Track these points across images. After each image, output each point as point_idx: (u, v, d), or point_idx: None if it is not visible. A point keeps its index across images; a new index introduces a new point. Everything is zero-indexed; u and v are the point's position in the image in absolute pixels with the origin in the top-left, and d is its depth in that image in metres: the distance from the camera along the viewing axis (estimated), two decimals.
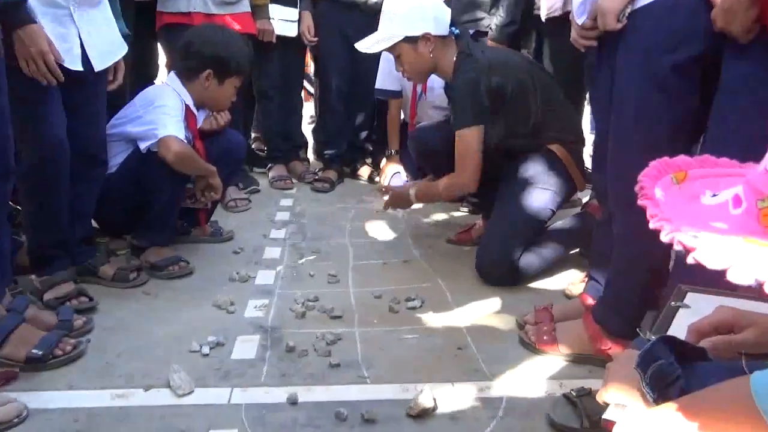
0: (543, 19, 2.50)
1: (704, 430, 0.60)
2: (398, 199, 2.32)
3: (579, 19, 1.43)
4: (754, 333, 0.81)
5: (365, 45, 2.15)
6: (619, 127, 1.38)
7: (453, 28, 2.10)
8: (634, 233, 1.37)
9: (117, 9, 1.89)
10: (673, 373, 0.74)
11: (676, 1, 1.24)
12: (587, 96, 2.63)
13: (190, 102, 2.10)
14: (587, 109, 3.07)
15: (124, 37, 1.88)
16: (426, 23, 2.04)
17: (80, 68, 1.66)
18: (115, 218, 2.15)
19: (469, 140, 2.02)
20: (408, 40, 2.05)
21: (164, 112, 1.98)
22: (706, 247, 0.43)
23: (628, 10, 1.30)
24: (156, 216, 2.05)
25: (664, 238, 0.47)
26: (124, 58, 1.87)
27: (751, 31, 1.09)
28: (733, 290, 0.94)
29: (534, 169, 2.07)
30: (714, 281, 0.81)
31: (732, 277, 0.40)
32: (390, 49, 2.11)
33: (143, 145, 1.96)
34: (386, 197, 2.36)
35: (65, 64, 1.61)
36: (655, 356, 0.76)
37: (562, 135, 2.09)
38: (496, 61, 2.05)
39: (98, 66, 1.75)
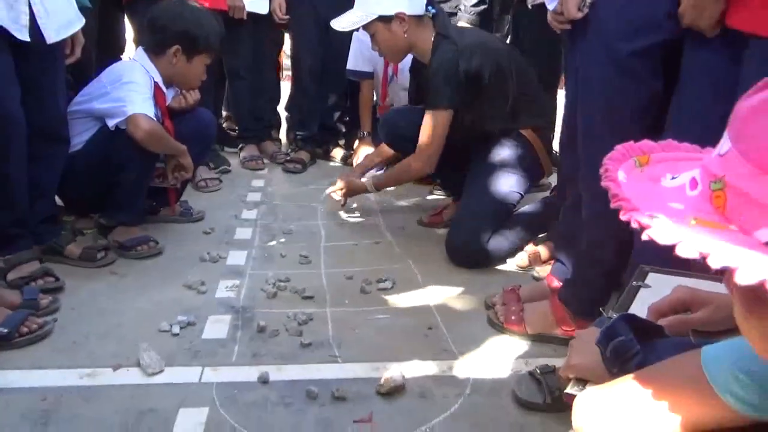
0: (529, 6, 2.49)
1: (658, 399, 0.64)
2: (355, 191, 2.36)
3: (550, 5, 1.46)
4: (707, 312, 0.85)
5: (340, 23, 2.14)
6: (585, 110, 1.41)
7: (429, 8, 2.09)
8: (601, 215, 1.41)
9: None
10: (632, 348, 0.77)
11: None
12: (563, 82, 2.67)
13: (158, 79, 2.06)
14: (562, 94, 3.11)
15: (84, 9, 1.82)
16: (399, 2, 2.03)
17: (27, 38, 1.59)
18: (81, 197, 2.10)
19: (437, 121, 2.04)
20: (382, 19, 2.05)
21: (132, 89, 1.93)
22: (659, 225, 0.45)
23: (589, 0, 1.34)
24: (124, 195, 2.01)
25: (622, 217, 0.49)
26: (88, 31, 1.81)
27: (717, 26, 1.12)
28: (688, 269, 0.98)
29: (504, 153, 2.10)
30: (668, 260, 0.85)
31: (680, 252, 0.43)
32: (365, 28, 2.11)
33: (111, 123, 1.91)
34: (339, 189, 2.36)
35: (12, 32, 1.56)
36: (615, 333, 0.80)
37: (535, 120, 2.12)
38: (474, 44, 2.05)
39: (51, 38, 1.68)
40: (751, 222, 0.44)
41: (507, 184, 2.07)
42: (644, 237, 0.46)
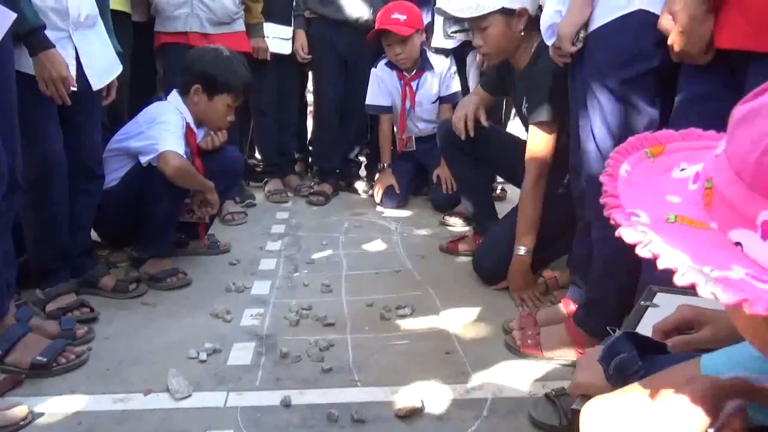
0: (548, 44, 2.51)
1: (660, 404, 0.66)
2: (520, 276, 2.03)
3: (548, 41, 1.54)
4: (711, 330, 0.87)
5: (454, 7, 1.96)
6: (588, 136, 1.47)
7: (539, 12, 1.91)
8: (609, 236, 1.44)
9: (110, 26, 1.95)
10: (634, 365, 0.80)
11: (622, 23, 1.35)
12: None
13: (190, 119, 2.18)
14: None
15: (118, 54, 1.96)
16: None
17: (75, 88, 1.72)
18: (115, 230, 2.23)
19: (539, 138, 1.92)
20: (503, 11, 1.89)
21: (164, 128, 2.05)
22: (628, 225, 0.47)
23: (582, 35, 1.42)
24: (155, 228, 2.12)
25: (605, 213, 0.51)
26: (120, 75, 1.95)
27: (709, 51, 1.17)
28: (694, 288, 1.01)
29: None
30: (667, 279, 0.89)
31: (638, 252, 0.46)
32: (479, 18, 1.91)
33: (144, 159, 2.03)
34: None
35: None
36: (617, 350, 0.83)
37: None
38: None
39: (96, 85, 1.83)
40: (726, 223, 0.46)
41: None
42: (617, 234, 0.49)
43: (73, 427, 1.33)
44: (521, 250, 1.98)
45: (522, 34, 1.93)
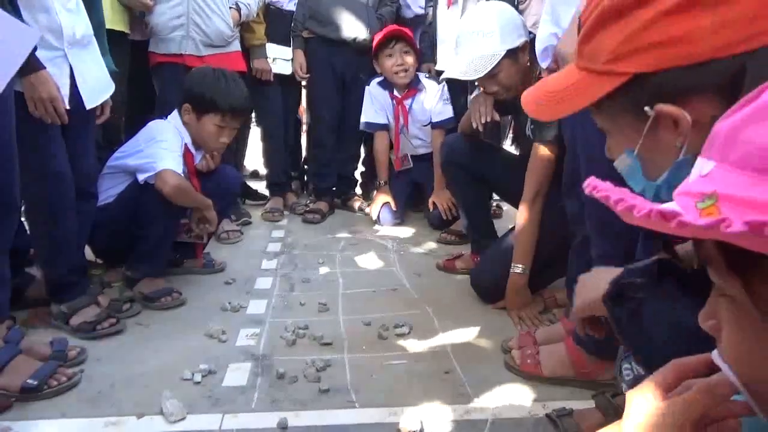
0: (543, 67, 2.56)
1: None
2: (517, 294, 2.02)
3: (543, 63, 1.53)
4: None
5: (461, 71, 1.94)
6: (591, 151, 1.45)
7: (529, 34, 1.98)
8: (607, 254, 1.45)
9: (105, 46, 1.95)
10: (633, 292, 0.85)
11: None
12: None
13: (188, 140, 2.17)
14: None
15: (112, 73, 1.95)
16: (520, 31, 1.92)
17: (67, 107, 1.71)
18: (109, 247, 2.21)
19: (543, 156, 1.90)
20: (509, 53, 1.91)
21: (163, 147, 2.04)
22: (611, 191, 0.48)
23: None
24: (150, 247, 2.10)
25: (595, 194, 0.51)
26: (117, 94, 1.94)
27: None
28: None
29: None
30: None
31: (597, 196, 0.48)
32: (491, 70, 1.90)
33: (141, 177, 2.02)
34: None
35: None
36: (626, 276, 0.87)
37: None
38: None
39: (89, 104, 1.82)
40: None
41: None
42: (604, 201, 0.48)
43: None
44: (518, 269, 1.97)
45: (528, 64, 1.95)
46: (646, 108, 0.70)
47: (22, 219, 1.79)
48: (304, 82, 3.34)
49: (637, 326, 0.87)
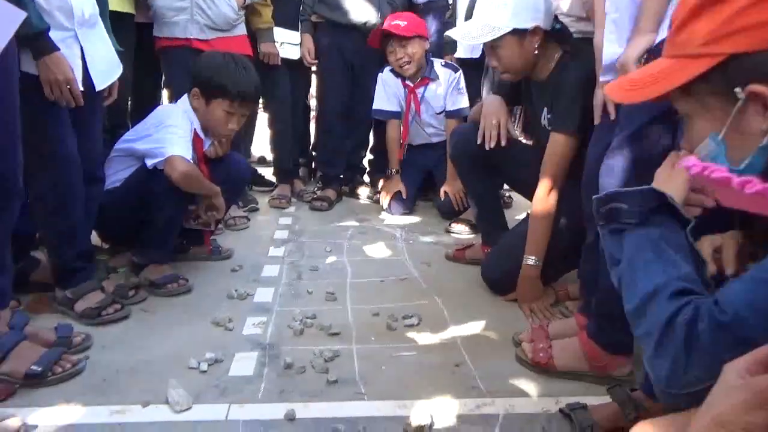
0: None
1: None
2: (529, 286, 1.99)
3: (603, 77, 1.49)
4: None
5: (463, 33, 1.92)
6: (622, 144, 1.41)
7: (556, 24, 1.92)
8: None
9: (109, 26, 1.90)
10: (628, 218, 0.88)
11: None
12: None
13: (197, 125, 2.13)
14: None
15: (118, 54, 1.91)
16: (538, 15, 1.84)
17: (81, 88, 1.69)
18: (117, 232, 2.18)
19: (561, 147, 1.87)
20: (515, 32, 1.84)
21: (172, 132, 2.00)
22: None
23: (644, 57, 1.36)
24: (157, 233, 2.07)
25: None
26: (121, 75, 1.90)
27: None
28: None
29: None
30: None
31: None
32: (492, 41, 1.87)
33: (150, 162, 1.98)
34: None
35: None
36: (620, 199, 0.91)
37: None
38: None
39: (99, 85, 1.79)
40: None
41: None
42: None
43: None
44: (531, 260, 1.93)
45: (536, 52, 1.88)
46: (737, 89, 0.74)
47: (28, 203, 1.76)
48: (313, 68, 3.29)
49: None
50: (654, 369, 0.76)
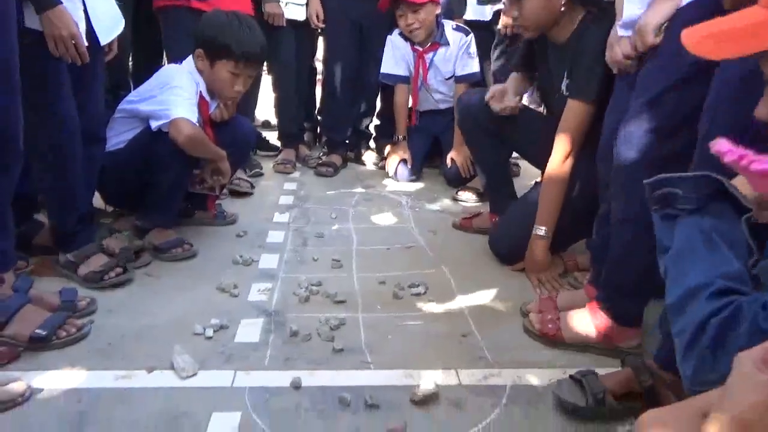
0: None
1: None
2: (538, 257, 1.94)
3: (621, 32, 1.42)
4: None
5: None
6: (640, 111, 1.36)
7: None
8: (630, 219, 1.39)
9: None
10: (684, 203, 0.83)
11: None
12: None
13: (203, 87, 2.07)
14: None
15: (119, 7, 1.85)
16: None
17: (86, 43, 1.63)
18: (120, 194, 2.15)
19: (579, 115, 1.82)
20: None
21: (177, 93, 1.95)
22: None
23: (664, 26, 1.30)
24: (161, 197, 2.03)
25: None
26: (120, 33, 1.84)
27: None
28: None
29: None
30: None
31: None
32: None
33: (154, 124, 1.93)
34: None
35: None
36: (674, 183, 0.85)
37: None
38: None
39: (104, 40, 1.74)
40: None
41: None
42: None
43: (72, 405, 1.26)
44: (541, 231, 1.90)
45: (563, 8, 1.81)
46: None
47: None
48: (320, 29, 3.20)
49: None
50: (683, 366, 0.73)
